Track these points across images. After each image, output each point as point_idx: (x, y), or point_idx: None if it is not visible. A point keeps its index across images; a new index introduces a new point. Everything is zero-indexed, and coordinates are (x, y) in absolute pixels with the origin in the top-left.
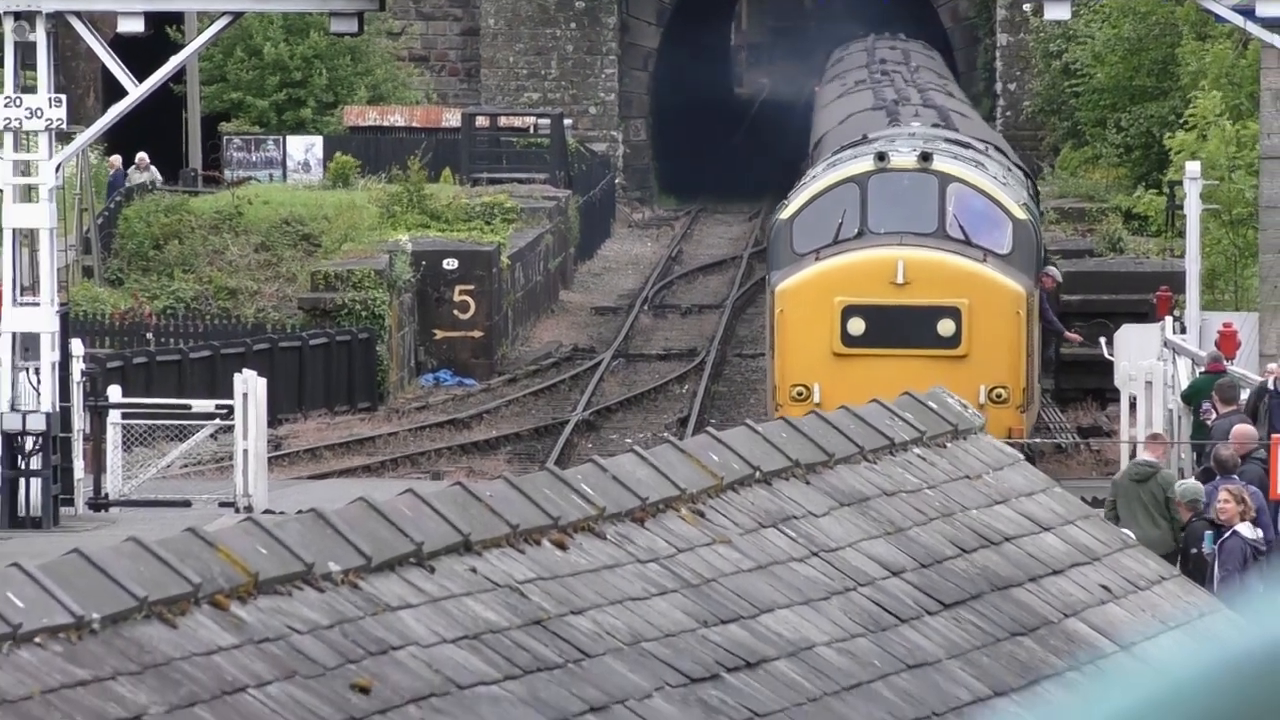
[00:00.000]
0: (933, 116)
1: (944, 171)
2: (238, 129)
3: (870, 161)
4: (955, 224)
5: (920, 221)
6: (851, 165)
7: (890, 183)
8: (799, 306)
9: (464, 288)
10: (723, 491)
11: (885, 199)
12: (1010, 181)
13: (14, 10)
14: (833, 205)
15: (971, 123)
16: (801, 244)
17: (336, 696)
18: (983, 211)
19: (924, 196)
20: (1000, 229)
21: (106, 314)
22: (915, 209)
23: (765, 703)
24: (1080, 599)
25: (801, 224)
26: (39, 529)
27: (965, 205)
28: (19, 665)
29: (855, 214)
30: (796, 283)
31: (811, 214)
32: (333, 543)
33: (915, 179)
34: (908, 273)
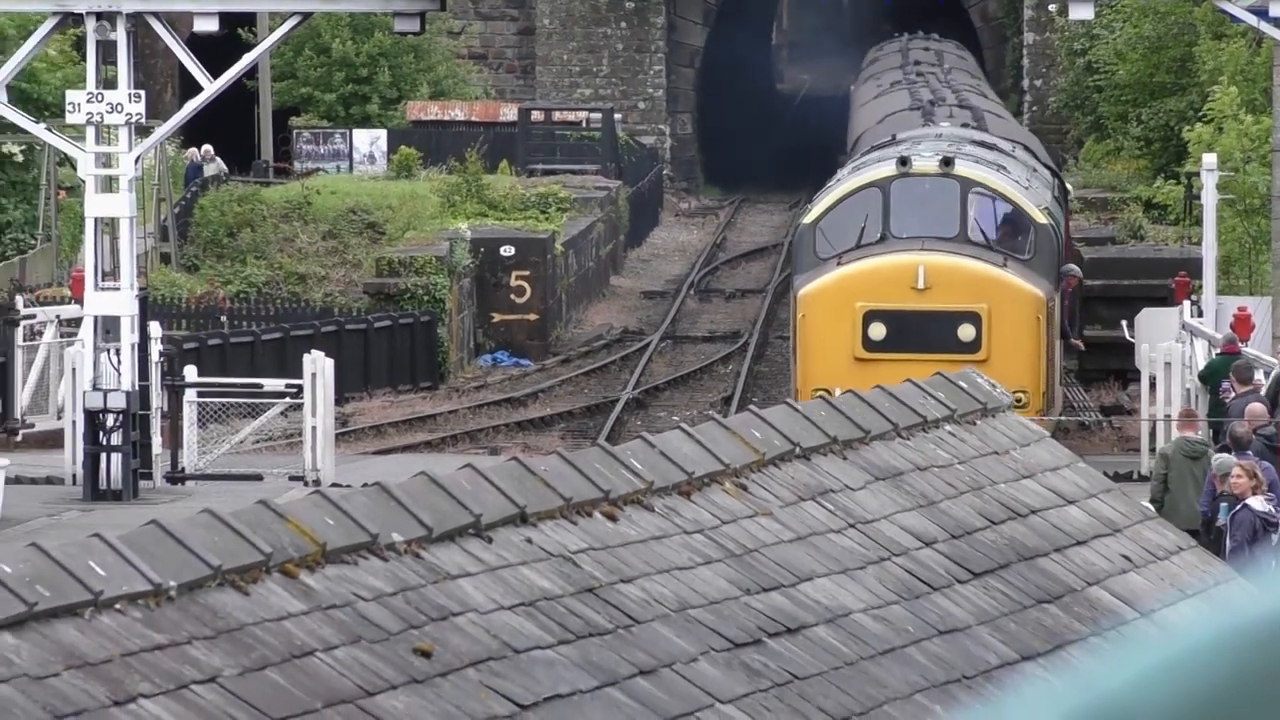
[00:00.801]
0: (966, 117)
1: (966, 176)
2: (307, 123)
3: (892, 166)
4: (977, 228)
5: (942, 226)
6: (874, 170)
7: (912, 187)
8: (821, 311)
9: (520, 273)
10: (764, 466)
11: (907, 203)
12: (1034, 184)
13: (96, 10)
14: (855, 209)
15: (1003, 122)
16: (824, 248)
17: (399, 660)
18: (1004, 216)
19: (946, 201)
20: (1022, 233)
21: (183, 298)
22: (937, 213)
23: (805, 666)
24: (1102, 568)
25: (825, 228)
26: (119, 501)
27: (987, 209)
28: (100, 630)
29: (878, 218)
30: (818, 287)
31: (835, 218)
32: (396, 514)
33: (937, 183)
34: (928, 278)
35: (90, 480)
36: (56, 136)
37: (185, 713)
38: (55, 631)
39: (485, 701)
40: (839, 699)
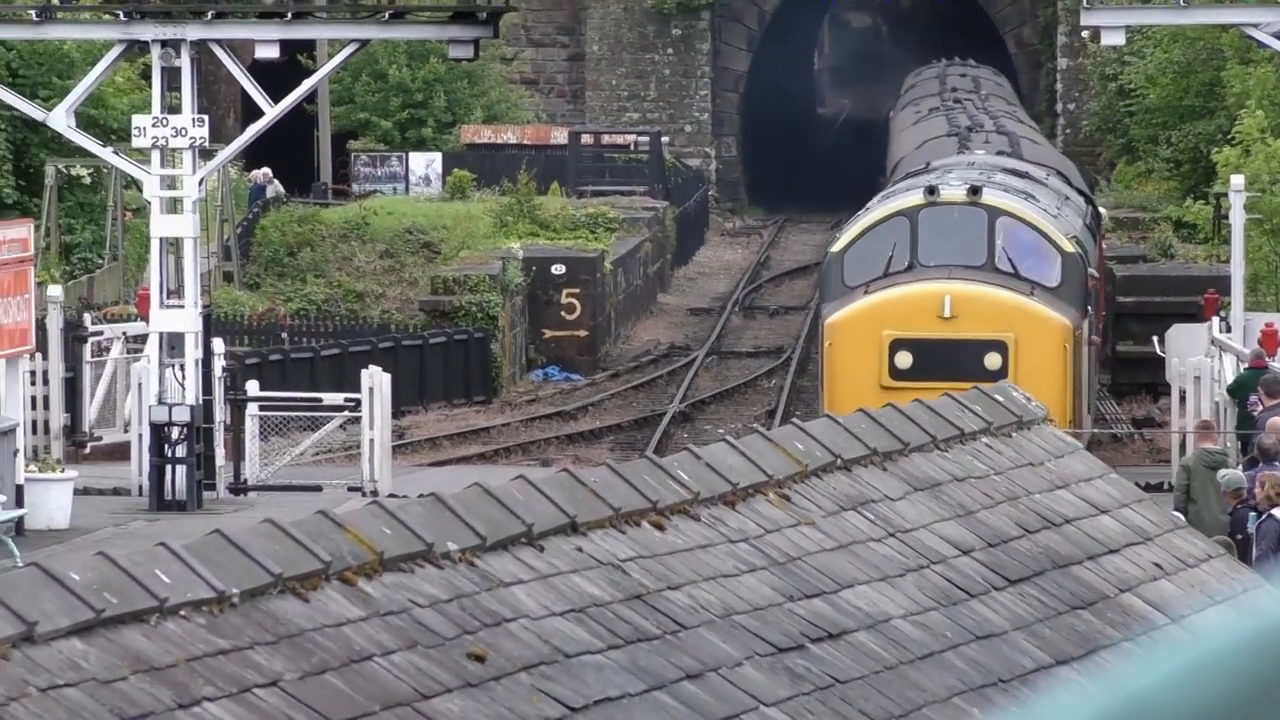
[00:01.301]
0: (1001, 143)
1: (993, 205)
2: (364, 146)
3: (920, 195)
4: (1004, 257)
5: (970, 255)
6: (902, 199)
7: (940, 216)
8: (847, 340)
9: (570, 291)
10: (807, 477)
11: (935, 232)
12: (1065, 211)
13: (161, 38)
14: (883, 238)
15: (1038, 148)
16: (852, 277)
17: (454, 665)
18: (1031, 244)
19: (973, 230)
20: (1049, 262)
21: (245, 315)
22: (965, 242)
23: (846, 671)
24: (1134, 575)
25: (852, 257)
26: (184, 511)
27: (1014, 238)
28: (166, 636)
29: (905, 247)
30: (845, 316)
31: (862, 247)
32: (451, 524)
33: (965, 212)
34: (955, 306)
35: (156, 491)
36: (123, 160)
37: (248, 716)
38: (122, 637)
39: (537, 705)
40: (879, 702)
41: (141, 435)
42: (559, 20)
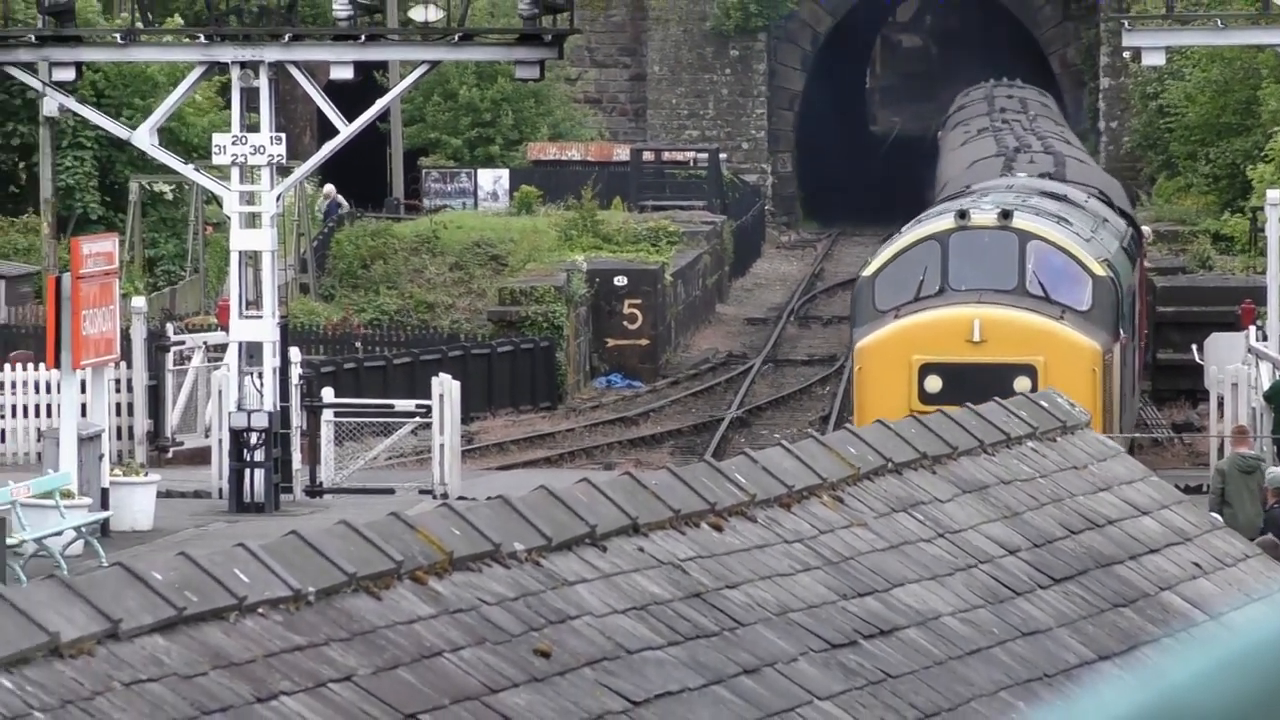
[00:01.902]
0: (1048, 164)
1: (1024, 229)
2: (435, 163)
3: (951, 219)
4: (1035, 281)
5: (1001, 279)
6: (934, 223)
7: (971, 240)
8: (877, 364)
9: (632, 301)
10: (859, 480)
11: (966, 256)
12: (1100, 234)
13: (240, 60)
14: (915, 262)
15: (1084, 168)
16: (883, 301)
17: (521, 660)
18: (1062, 268)
19: (1004, 254)
20: (1079, 285)
21: (320, 325)
22: (996, 266)
23: (897, 666)
24: (1174, 574)
25: (883, 281)
26: (262, 513)
27: (1045, 262)
28: (244, 633)
29: (936, 271)
30: (875, 341)
31: (893, 271)
32: (517, 525)
33: (996, 236)
34: (984, 331)
35: (235, 494)
36: (204, 176)
37: (323, 709)
38: (203, 634)
39: (600, 699)
40: (929, 696)
41: (221, 440)
42: (621, 42)
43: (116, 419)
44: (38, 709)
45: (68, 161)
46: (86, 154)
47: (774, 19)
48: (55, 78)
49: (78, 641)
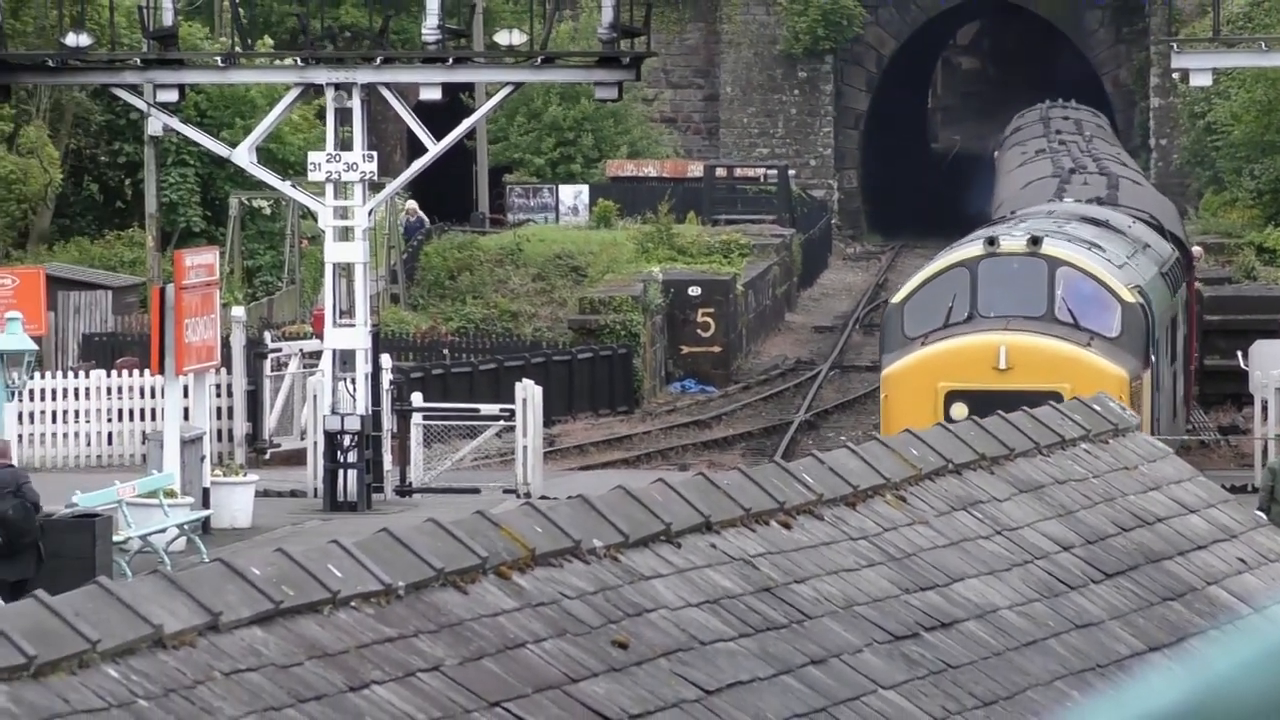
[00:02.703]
0: (1101, 185)
1: (1053, 255)
2: (518, 179)
3: (980, 245)
4: (1064, 307)
5: (1029, 305)
6: (963, 249)
7: (1000, 267)
8: (904, 391)
9: (705, 310)
10: (921, 480)
11: (995, 283)
12: (1136, 260)
13: (334, 82)
14: (943, 289)
15: (1138, 189)
16: (912, 328)
17: (600, 651)
18: (1091, 295)
19: (1033, 280)
20: (1109, 312)
21: (410, 333)
22: (1024, 293)
23: (957, 657)
24: (1220, 569)
25: (912, 308)
26: (355, 511)
27: (1074, 288)
28: (338, 625)
29: (965, 298)
30: (901, 368)
31: (922, 298)
32: (596, 523)
33: (1025, 263)
34: (1010, 358)
35: (329, 493)
36: (300, 192)
37: (412, 698)
38: (298, 626)
39: (675, 688)
40: (988, 685)
41: (316, 443)
42: (695, 64)
43: (217, 422)
44: (142, 698)
45: (171, 178)
46: (189, 171)
47: (840, 42)
48: (159, 99)
49: (180, 633)
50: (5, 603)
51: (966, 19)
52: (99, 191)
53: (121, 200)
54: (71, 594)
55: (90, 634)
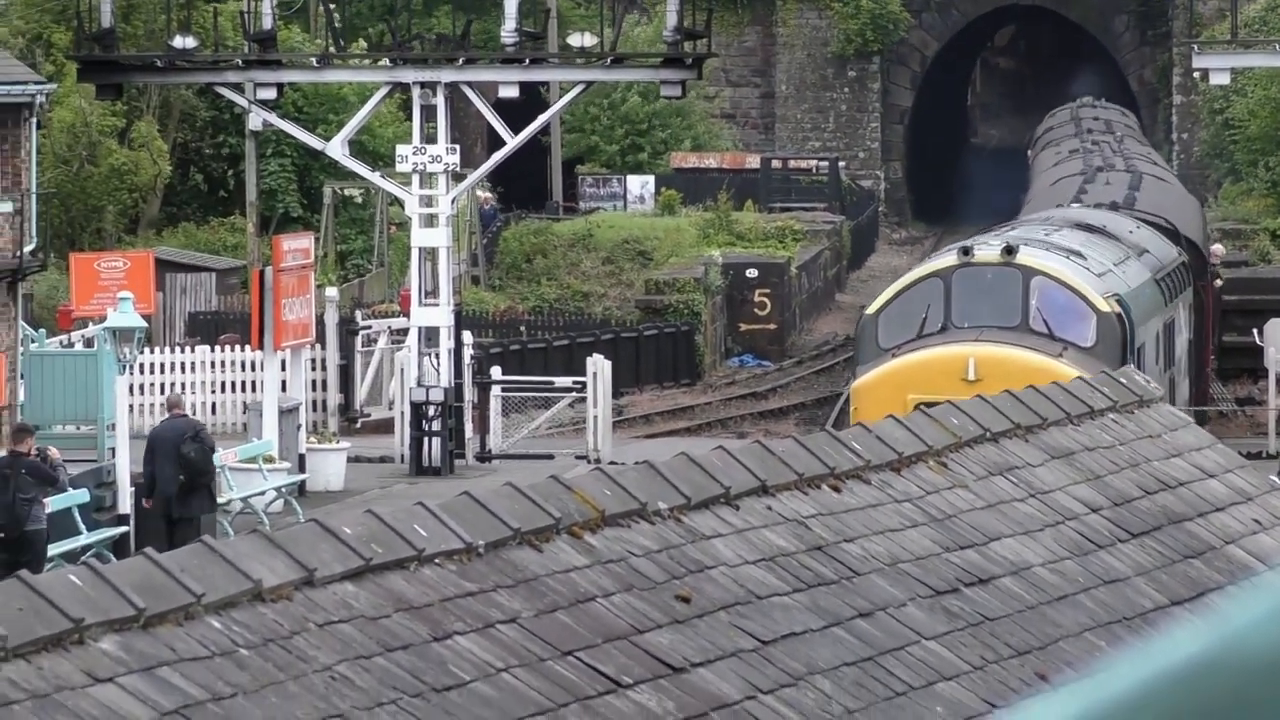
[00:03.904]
0: (1124, 184)
1: (1028, 265)
2: (590, 170)
3: (955, 256)
4: (1039, 317)
5: (1004, 316)
6: (938, 260)
7: (974, 277)
8: (873, 403)
9: (762, 291)
10: (961, 448)
11: (969, 293)
12: (1122, 268)
13: (420, 80)
14: (918, 300)
15: (1163, 190)
16: (886, 339)
17: (664, 605)
18: (1066, 305)
19: (1007, 290)
20: (1084, 322)
21: (489, 312)
22: (999, 303)
23: (994, 610)
24: (1237, 530)
25: (886, 319)
26: (438, 476)
27: (1049, 298)
28: (423, 580)
29: (939, 308)
30: (870, 380)
31: (896, 309)
32: (661, 487)
33: (999, 273)
34: (979, 369)
35: (415, 459)
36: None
37: (491, 647)
38: (387, 581)
39: (734, 639)
40: (1022, 637)
41: (403, 413)
42: (753, 64)
43: (312, 394)
44: (243, 647)
45: (270, 168)
46: (286, 162)
47: (887, 44)
48: (259, 96)
49: (278, 588)
50: (169, 541)
51: (1003, 23)
52: (203, 181)
53: (224, 189)
54: (178, 551)
55: (195, 588)
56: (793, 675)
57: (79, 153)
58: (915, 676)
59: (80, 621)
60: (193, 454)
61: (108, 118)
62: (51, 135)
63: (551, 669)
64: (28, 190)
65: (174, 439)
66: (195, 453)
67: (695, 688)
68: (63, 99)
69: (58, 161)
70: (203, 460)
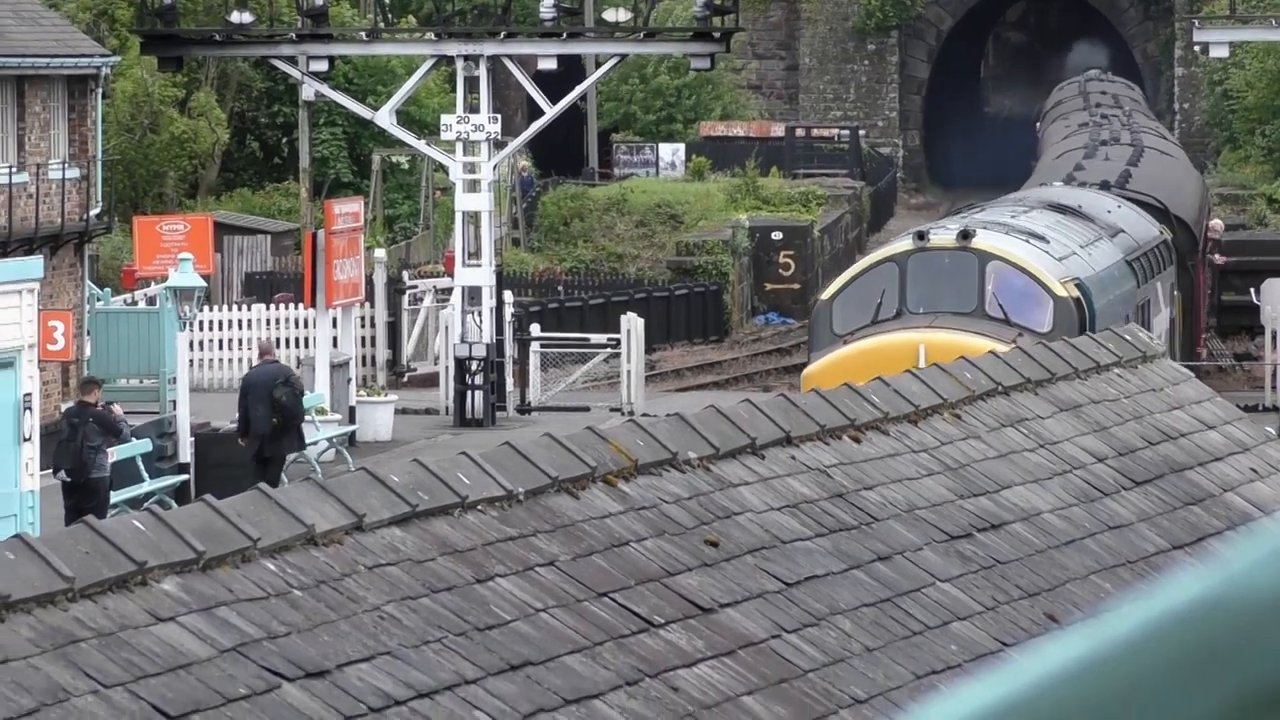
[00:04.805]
0: (1124, 158)
1: (983, 249)
2: (624, 138)
3: (910, 240)
4: (994, 302)
5: (959, 301)
6: (894, 244)
7: (929, 262)
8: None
9: (786, 252)
10: (974, 401)
11: (924, 278)
12: (1089, 251)
13: (464, 54)
14: (873, 285)
15: (1163, 166)
16: (841, 325)
17: (694, 548)
18: (1022, 289)
19: (963, 275)
20: (1040, 307)
21: (529, 272)
22: (954, 288)
23: (1005, 554)
24: (1235, 478)
25: (841, 305)
26: (481, 427)
27: (1005, 283)
28: (466, 525)
29: (894, 294)
30: (821, 367)
31: (851, 295)
32: (691, 437)
33: (955, 257)
34: (930, 355)
35: (459, 411)
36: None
37: (530, 588)
38: (432, 526)
39: (759, 581)
40: (1031, 579)
41: (448, 367)
42: (778, 38)
43: (361, 349)
44: (296, 588)
45: (322, 136)
46: (337, 130)
47: (904, 19)
48: (311, 69)
49: (329, 533)
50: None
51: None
52: (259, 149)
53: (279, 156)
54: (235, 498)
55: (251, 533)
56: (815, 615)
57: (142, 122)
58: (931, 617)
59: (143, 564)
60: (284, 397)
61: (169, 88)
62: (116, 105)
63: (587, 609)
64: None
65: (266, 383)
66: (287, 396)
67: (723, 627)
68: (126, 71)
69: (122, 130)
70: (293, 403)
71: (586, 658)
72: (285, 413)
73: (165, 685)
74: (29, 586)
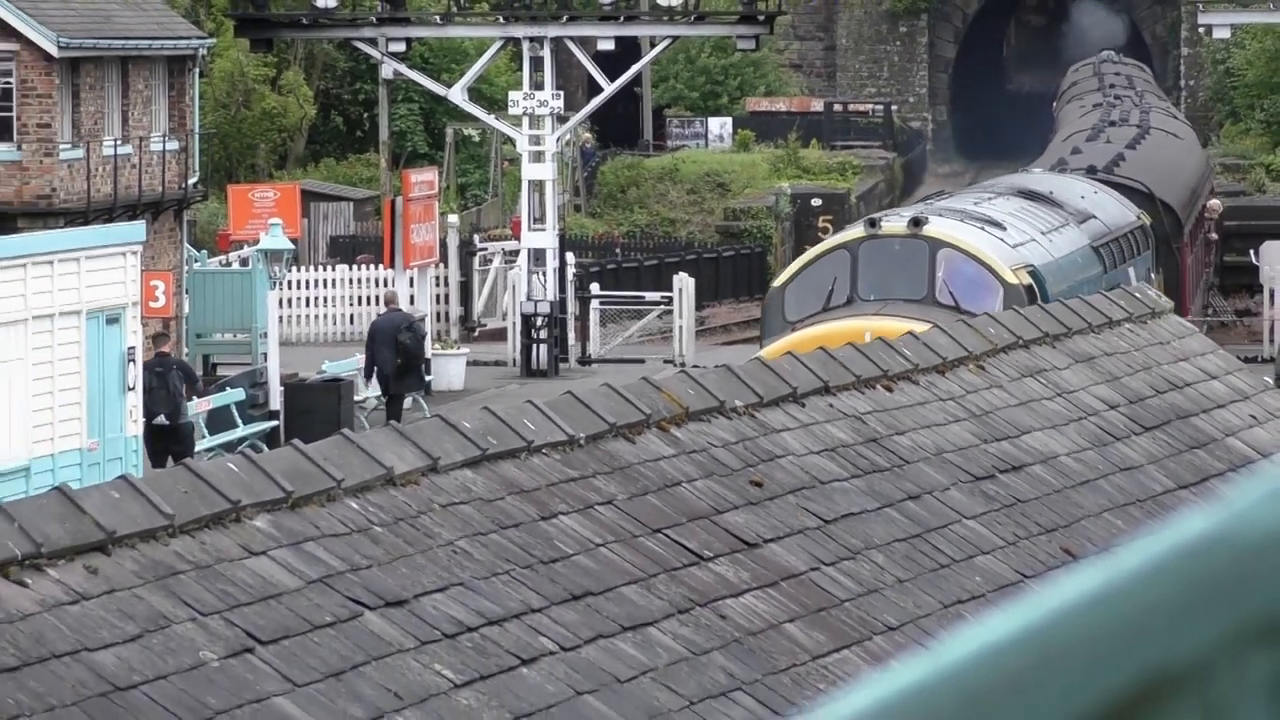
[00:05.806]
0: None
1: (934, 236)
2: (676, 113)
3: (862, 227)
4: (945, 290)
5: (910, 288)
6: (845, 231)
7: (880, 249)
8: None
9: (825, 217)
10: (997, 353)
11: (875, 265)
12: (1051, 236)
13: (529, 35)
14: (825, 272)
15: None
16: (793, 311)
17: (739, 489)
18: (973, 277)
19: (914, 262)
20: (990, 294)
21: (589, 236)
22: (905, 275)
23: (1025, 494)
24: (1236, 424)
25: (793, 292)
26: (544, 378)
27: (956, 270)
28: (532, 468)
29: (845, 281)
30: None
31: (804, 282)
32: (737, 387)
33: (906, 244)
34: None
35: (525, 363)
36: (502, 124)
37: (590, 525)
38: (500, 469)
39: (800, 519)
40: (1049, 516)
41: (515, 323)
42: (818, 21)
43: (436, 306)
44: (377, 525)
45: (400, 111)
46: (414, 106)
47: (933, 3)
48: (390, 49)
49: (407, 474)
50: (388, 415)
51: None
52: (342, 123)
53: (360, 130)
54: (321, 443)
55: (336, 474)
56: (851, 550)
57: (236, 98)
58: (957, 551)
59: (237, 503)
60: (408, 341)
61: (260, 68)
62: (212, 83)
63: (643, 544)
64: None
65: (391, 330)
66: (410, 340)
67: (767, 560)
68: (222, 52)
69: (217, 106)
70: (416, 347)
71: (642, 588)
72: (408, 355)
73: (257, 614)
74: (133, 523)
